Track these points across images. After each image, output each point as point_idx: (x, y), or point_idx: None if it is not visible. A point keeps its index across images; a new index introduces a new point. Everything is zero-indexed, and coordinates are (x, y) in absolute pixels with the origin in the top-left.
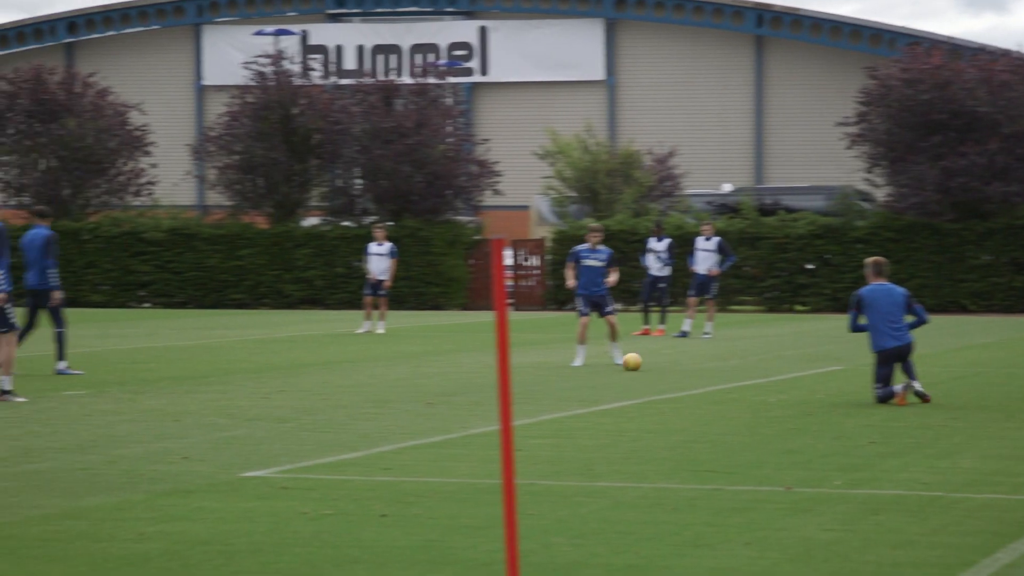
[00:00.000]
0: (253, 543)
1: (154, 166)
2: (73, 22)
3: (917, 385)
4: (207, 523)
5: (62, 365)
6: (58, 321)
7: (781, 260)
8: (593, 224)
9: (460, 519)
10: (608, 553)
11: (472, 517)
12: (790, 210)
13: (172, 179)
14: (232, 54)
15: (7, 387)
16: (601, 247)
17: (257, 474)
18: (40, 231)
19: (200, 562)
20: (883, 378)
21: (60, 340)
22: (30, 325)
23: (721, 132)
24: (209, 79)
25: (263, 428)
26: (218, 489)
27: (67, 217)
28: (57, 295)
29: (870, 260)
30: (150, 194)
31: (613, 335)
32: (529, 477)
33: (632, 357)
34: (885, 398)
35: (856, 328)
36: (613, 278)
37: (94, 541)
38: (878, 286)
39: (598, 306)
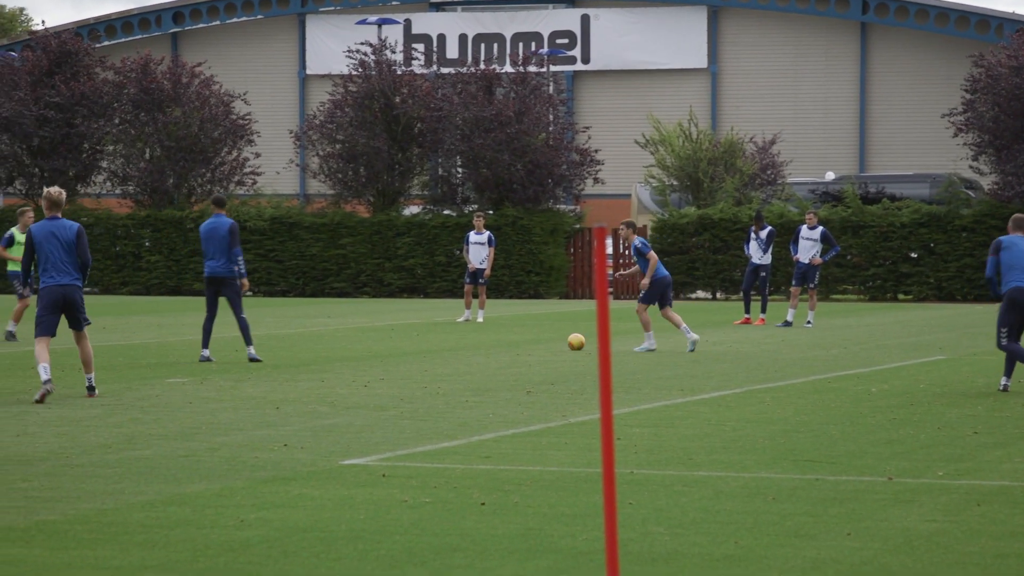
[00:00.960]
0: (353, 531)
1: (257, 155)
2: (179, 12)
3: None
4: (307, 510)
5: (252, 351)
6: (239, 308)
7: (884, 248)
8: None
9: (559, 508)
10: (707, 543)
11: (571, 506)
12: (894, 198)
13: (275, 168)
14: (335, 43)
15: (91, 383)
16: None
17: (357, 462)
18: (221, 220)
19: (300, 549)
20: (1009, 324)
21: (245, 327)
22: (212, 313)
23: (824, 120)
24: (312, 68)
25: (363, 416)
26: (318, 477)
27: (171, 206)
28: (245, 282)
29: (1014, 216)
30: (253, 183)
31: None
32: (628, 466)
33: (576, 337)
34: (1012, 354)
35: (991, 273)
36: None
37: (196, 528)
38: (1018, 237)
39: None
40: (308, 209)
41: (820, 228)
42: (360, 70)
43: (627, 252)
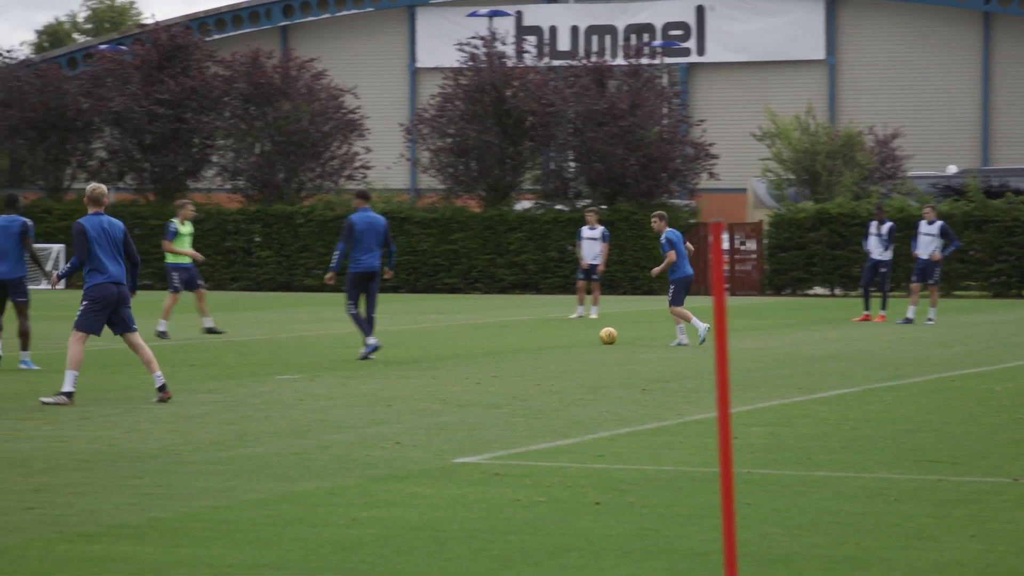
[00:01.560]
0: (466, 530)
1: (368, 150)
2: (289, 5)
3: None
4: (419, 509)
5: (371, 344)
6: (376, 304)
7: (1009, 244)
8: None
9: (675, 508)
10: (827, 544)
11: (687, 506)
12: (1018, 192)
13: (385, 162)
14: (446, 36)
15: (159, 383)
16: None
17: (469, 460)
18: (373, 214)
19: (412, 548)
20: None
21: (374, 324)
22: (356, 303)
23: (946, 112)
24: (422, 61)
25: (475, 414)
26: (430, 475)
27: (281, 201)
28: (390, 274)
29: None
30: (363, 177)
31: None
32: (746, 465)
33: (607, 331)
34: None
35: None
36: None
37: (308, 526)
38: None
39: None
40: (419, 204)
41: (939, 223)
42: (471, 63)
43: (689, 245)
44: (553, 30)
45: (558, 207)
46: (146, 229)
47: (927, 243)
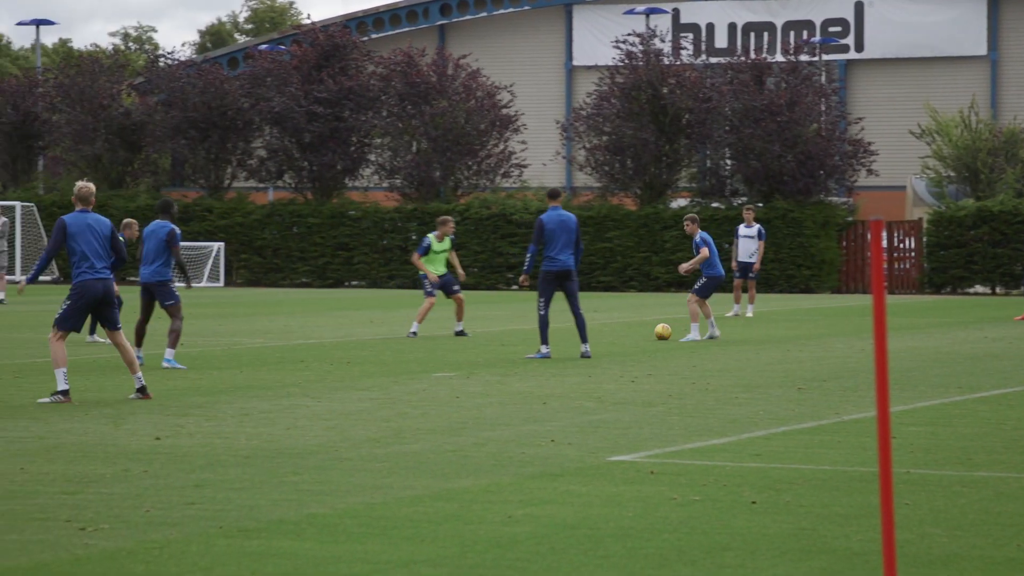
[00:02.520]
0: (621, 528)
1: (523, 144)
2: (446, 4)
3: None
4: (575, 507)
5: (587, 348)
6: (579, 302)
7: None
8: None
9: (832, 507)
10: (988, 546)
11: (845, 505)
12: None
13: (541, 160)
14: (602, 34)
15: (139, 384)
16: None
17: (625, 458)
18: (564, 213)
19: (567, 546)
20: None
21: (584, 323)
22: (548, 305)
23: None
24: (579, 59)
25: (631, 412)
26: (585, 473)
27: (437, 199)
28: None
29: None
30: (519, 175)
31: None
32: (904, 465)
33: (662, 327)
34: None
35: None
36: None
37: (463, 523)
38: None
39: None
40: (574, 202)
41: None
42: (628, 61)
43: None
44: (710, 27)
45: (714, 205)
46: (304, 228)
47: None
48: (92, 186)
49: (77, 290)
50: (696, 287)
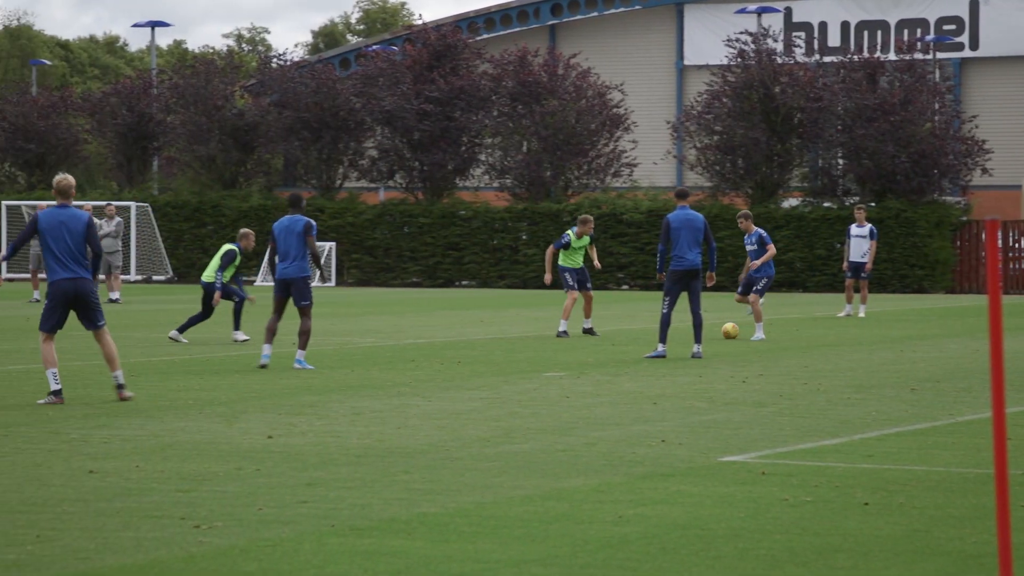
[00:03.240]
0: (732, 528)
1: (633, 143)
2: (557, 4)
3: None
4: (685, 507)
5: (698, 348)
6: (700, 302)
7: None
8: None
9: (946, 509)
10: None
11: (959, 507)
12: None
13: (652, 160)
14: (713, 33)
15: (117, 382)
16: None
17: (735, 459)
18: (692, 212)
19: (678, 546)
20: None
21: (702, 323)
22: (673, 305)
23: None
24: (690, 59)
25: (741, 412)
26: (696, 473)
27: (548, 199)
28: (712, 279)
29: None
30: (630, 175)
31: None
32: (1020, 467)
33: (730, 326)
34: None
35: None
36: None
37: (574, 522)
38: None
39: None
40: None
41: None
42: (740, 60)
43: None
44: (823, 26)
45: (825, 204)
46: (415, 228)
47: None
48: (71, 179)
49: (50, 291)
50: (759, 287)
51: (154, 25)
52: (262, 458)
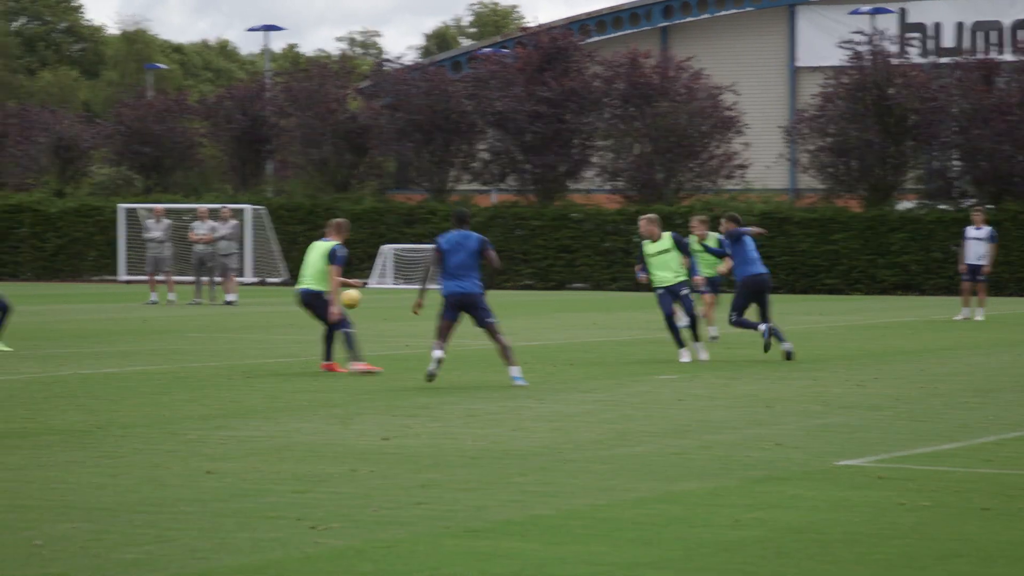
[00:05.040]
0: (849, 533)
1: (746, 145)
2: (669, 6)
3: None
4: (802, 511)
5: (787, 346)
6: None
7: None
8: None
9: None
10: None
11: None
12: None
13: (764, 162)
14: (826, 35)
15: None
16: None
17: (852, 463)
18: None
19: (795, 551)
20: None
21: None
22: (741, 314)
23: None
24: (802, 60)
25: (858, 416)
26: (812, 477)
27: (660, 201)
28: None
29: None
30: (742, 177)
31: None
32: None
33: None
34: None
35: None
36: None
37: (688, 526)
38: None
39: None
40: (798, 204)
41: None
42: (854, 61)
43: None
44: (937, 26)
45: (941, 207)
46: (527, 230)
47: None
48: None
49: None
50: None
51: (268, 29)
52: (377, 459)
